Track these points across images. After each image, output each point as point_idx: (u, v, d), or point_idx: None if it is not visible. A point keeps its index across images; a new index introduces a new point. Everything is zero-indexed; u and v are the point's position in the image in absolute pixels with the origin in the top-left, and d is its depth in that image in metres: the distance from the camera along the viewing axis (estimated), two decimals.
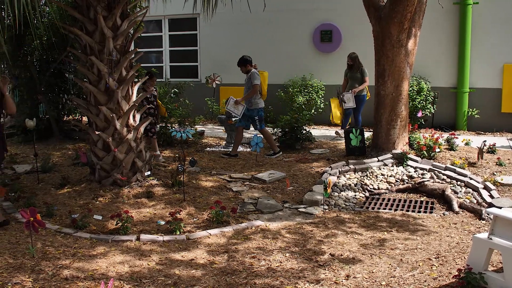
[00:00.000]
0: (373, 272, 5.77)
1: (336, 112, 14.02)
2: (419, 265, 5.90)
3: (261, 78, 11.70)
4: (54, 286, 5.47)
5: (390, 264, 5.96)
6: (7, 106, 6.93)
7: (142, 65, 10.98)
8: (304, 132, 12.25)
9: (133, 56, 9.34)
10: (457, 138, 11.38)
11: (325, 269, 5.88)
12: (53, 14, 12.94)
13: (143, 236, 6.92)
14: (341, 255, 6.30)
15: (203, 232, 7.12)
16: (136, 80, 9.97)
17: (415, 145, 10.66)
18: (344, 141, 11.38)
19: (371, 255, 6.26)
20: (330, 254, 6.33)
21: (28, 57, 13.60)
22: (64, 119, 14.96)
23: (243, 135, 12.20)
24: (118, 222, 7.14)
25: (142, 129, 9.44)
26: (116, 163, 8.95)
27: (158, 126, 11.34)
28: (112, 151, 8.83)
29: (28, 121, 9.85)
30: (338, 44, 15.50)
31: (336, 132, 13.61)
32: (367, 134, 11.62)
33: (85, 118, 14.69)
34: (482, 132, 14.08)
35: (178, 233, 7.06)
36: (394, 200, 8.76)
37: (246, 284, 5.52)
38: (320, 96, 15.49)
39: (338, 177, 9.60)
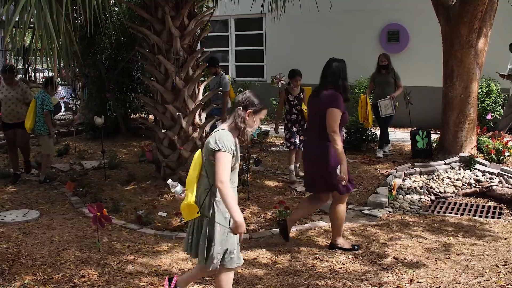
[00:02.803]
0: (437, 277, 5.65)
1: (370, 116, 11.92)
2: (486, 272, 5.74)
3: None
4: (119, 280, 5.56)
5: (455, 270, 5.82)
6: None
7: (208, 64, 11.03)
8: (369, 133, 12.12)
9: (199, 55, 9.42)
10: None
11: (388, 273, 5.79)
12: (122, 14, 13.17)
13: None
14: (405, 258, 6.20)
15: (266, 232, 7.12)
16: (202, 79, 10.04)
17: (483, 149, 10.39)
18: (410, 143, 11.21)
19: (435, 260, 6.13)
20: (393, 257, 6.24)
21: (97, 56, 13.88)
22: (131, 117, 15.25)
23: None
24: (182, 219, 7.20)
25: (207, 127, 9.51)
26: (181, 161, 9.04)
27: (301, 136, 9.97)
28: (177, 149, 8.93)
29: (96, 118, 10.05)
30: (406, 45, 15.26)
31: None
32: (434, 136, 11.41)
33: (151, 116, 14.89)
34: None
35: None
36: (460, 204, 8.56)
37: (308, 285, 5.49)
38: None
39: (403, 179, 9.45)
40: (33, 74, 18.87)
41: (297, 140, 9.56)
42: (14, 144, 9.95)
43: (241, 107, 4.50)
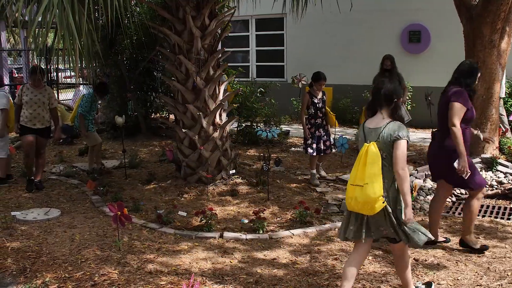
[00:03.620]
0: (458, 279, 5.61)
1: None
2: (508, 275, 5.70)
3: None
4: (139, 279, 5.59)
5: (476, 272, 5.78)
6: None
7: (229, 64, 11.05)
8: None
9: (220, 55, 9.43)
10: None
11: None
12: (143, 14, 13.24)
13: (227, 234, 6.97)
14: (425, 260, 6.16)
15: (286, 232, 7.10)
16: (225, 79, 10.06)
17: (505, 150, 10.29)
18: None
19: (456, 262, 6.09)
20: (414, 259, 6.20)
21: (118, 56, 13.96)
22: (152, 116, 15.31)
23: None
24: (202, 219, 7.22)
25: (228, 127, 9.52)
26: (201, 161, 9.07)
27: (328, 141, 9.68)
28: (198, 149, 8.96)
29: (117, 118, 10.10)
30: (427, 45, 15.17)
31: None
32: None
33: (172, 116, 14.94)
34: None
35: (261, 232, 7.07)
36: (482, 206, 8.48)
37: (328, 286, 5.48)
38: (407, 98, 15.17)
39: (424, 180, 9.38)
40: (54, 74, 18.99)
41: (322, 146, 9.46)
42: (32, 149, 9.23)
43: (396, 99, 4.81)
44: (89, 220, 7.59)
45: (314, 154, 9.47)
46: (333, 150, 10.24)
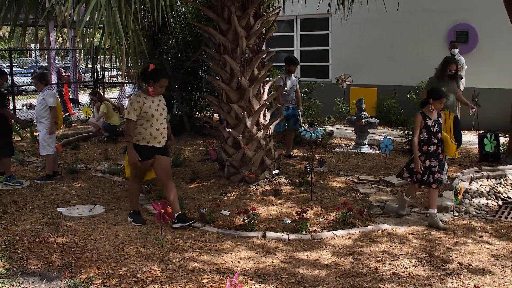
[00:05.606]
0: (504, 285, 5.50)
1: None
2: None
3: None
4: (181, 277, 5.62)
5: None
6: None
7: (273, 64, 11.04)
8: None
9: (265, 55, 9.44)
10: None
11: (452, 278, 5.67)
12: (189, 14, 13.32)
13: (269, 234, 6.97)
14: (470, 264, 6.06)
15: (329, 233, 7.07)
16: (268, 79, 10.06)
17: None
18: (477, 146, 10.93)
19: (502, 267, 5.97)
20: (458, 262, 6.11)
21: (163, 55, 14.08)
22: (196, 115, 15.39)
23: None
24: (245, 218, 7.23)
25: (272, 127, 9.52)
26: (245, 161, 9.09)
27: (440, 173, 7.60)
28: (241, 149, 8.98)
29: None
30: (474, 45, 14.91)
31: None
32: (503, 139, 11.12)
33: (216, 116, 15.02)
34: None
35: (303, 232, 7.05)
36: None
37: None
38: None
39: (469, 183, 9.23)
40: (100, 73, 19.27)
41: (430, 178, 7.45)
42: (144, 174, 7.62)
43: None
44: None
45: (416, 185, 7.68)
46: (442, 183, 8.64)
